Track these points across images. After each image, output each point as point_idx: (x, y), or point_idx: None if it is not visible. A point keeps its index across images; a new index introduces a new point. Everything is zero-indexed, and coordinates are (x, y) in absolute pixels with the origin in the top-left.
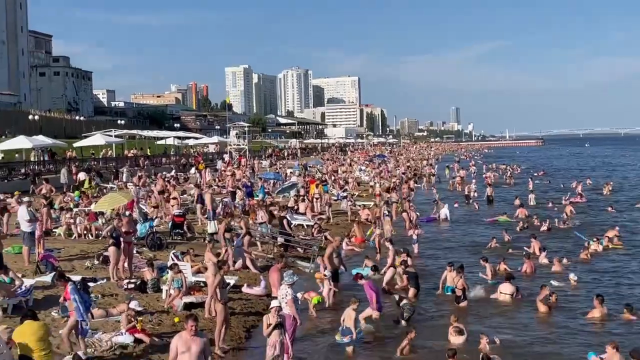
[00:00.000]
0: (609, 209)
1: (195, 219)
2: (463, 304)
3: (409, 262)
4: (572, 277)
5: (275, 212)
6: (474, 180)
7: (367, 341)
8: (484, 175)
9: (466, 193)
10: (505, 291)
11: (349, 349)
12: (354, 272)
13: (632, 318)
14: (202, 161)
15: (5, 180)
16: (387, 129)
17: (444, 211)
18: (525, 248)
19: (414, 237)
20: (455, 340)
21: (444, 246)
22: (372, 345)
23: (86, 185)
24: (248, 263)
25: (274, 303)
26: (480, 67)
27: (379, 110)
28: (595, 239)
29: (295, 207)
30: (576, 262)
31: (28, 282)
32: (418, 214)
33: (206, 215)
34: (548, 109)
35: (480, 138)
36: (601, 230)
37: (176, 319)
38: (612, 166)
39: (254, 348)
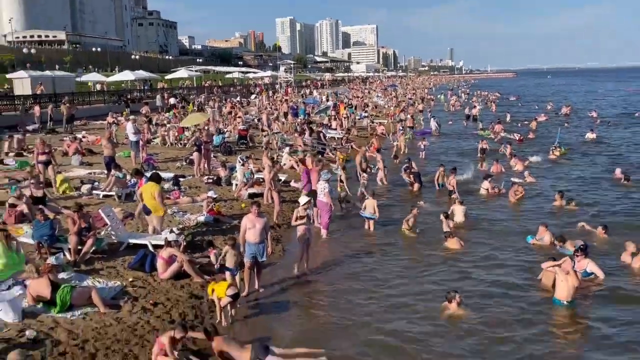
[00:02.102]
0: (565, 125)
1: (256, 133)
2: (454, 195)
3: (413, 165)
4: (527, 174)
5: (314, 128)
6: (476, 105)
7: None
8: (471, 100)
9: (467, 113)
10: (484, 187)
11: (371, 225)
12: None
13: (574, 209)
14: (264, 90)
15: (116, 104)
16: (398, 65)
17: (433, 123)
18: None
19: (422, 146)
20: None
21: (439, 152)
22: (382, 225)
23: (190, 108)
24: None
25: (302, 200)
26: (471, 16)
27: (391, 50)
28: (553, 147)
29: (329, 124)
30: (538, 163)
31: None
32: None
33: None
34: (520, 49)
35: (468, 72)
36: (559, 141)
37: (243, 205)
38: (566, 92)
39: None
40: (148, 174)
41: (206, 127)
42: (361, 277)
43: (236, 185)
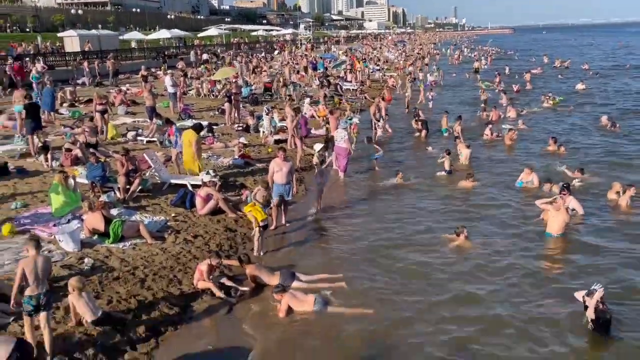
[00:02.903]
0: (559, 76)
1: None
2: (459, 140)
3: (420, 114)
4: (521, 122)
5: (332, 80)
6: (483, 59)
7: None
8: (473, 55)
9: (475, 67)
10: (485, 132)
11: (376, 164)
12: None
13: (564, 152)
14: (285, 46)
15: (155, 59)
16: (407, 23)
17: (430, 77)
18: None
19: (430, 97)
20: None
21: (445, 102)
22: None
23: (227, 61)
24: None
25: (317, 147)
26: None
27: (401, 9)
28: (546, 96)
29: (345, 76)
30: (534, 111)
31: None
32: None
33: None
34: (516, 7)
35: (470, 28)
36: (550, 91)
37: (269, 150)
38: (560, 47)
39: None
40: (188, 122)
41: (235, 80)
42: (373, 213)
43: (263, 132)
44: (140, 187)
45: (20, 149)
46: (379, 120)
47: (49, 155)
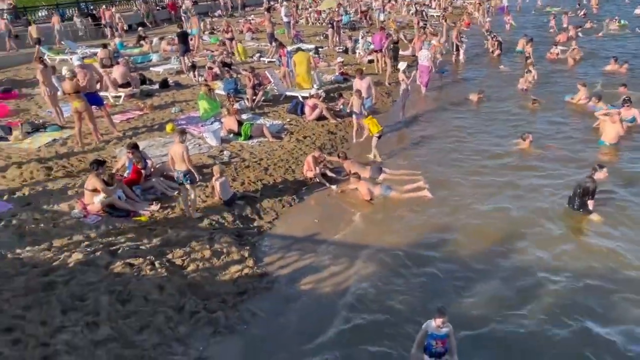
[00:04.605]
0: (626, 1)
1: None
2: (530, 60)
3: (496, 35)
4: (574, 43)
5: (418, 8)
6: None
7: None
8: None
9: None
10: (552, 52)
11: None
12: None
13: (621, 71)
14: None
15: None
16: None
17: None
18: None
19: (506, 20)
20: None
21: (519, 27)
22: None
23: None
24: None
25: (402, 66)
26: None
27: None
28: (612, 19)
29: (430, 4)
30: (599, 35)
31: (289, 47)
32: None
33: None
34: None
35: None
36: (614, 15)
37: (364, 68)
38: None
39: None
40: (299, 45)
41: (336, 10)
42: (449, 121)
43: (359, 53)
44: (263, 98)
45: (176, 68)
46: (461, 42)
47: (196, 72)
